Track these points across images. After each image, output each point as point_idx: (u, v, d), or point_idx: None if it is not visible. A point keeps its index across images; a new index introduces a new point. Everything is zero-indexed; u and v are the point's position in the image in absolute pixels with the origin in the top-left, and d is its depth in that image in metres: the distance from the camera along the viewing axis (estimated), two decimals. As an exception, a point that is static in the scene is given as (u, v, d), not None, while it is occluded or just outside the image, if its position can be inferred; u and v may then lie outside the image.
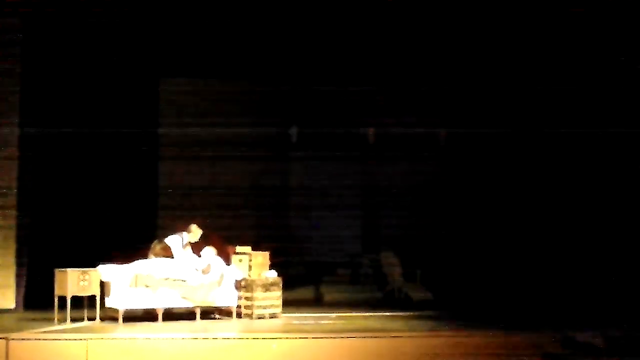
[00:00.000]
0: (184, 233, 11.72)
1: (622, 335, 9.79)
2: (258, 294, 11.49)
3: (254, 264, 11.80)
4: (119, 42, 14.11)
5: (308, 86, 15.81)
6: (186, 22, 14.19)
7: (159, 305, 10.97)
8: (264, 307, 11.53)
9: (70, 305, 10.65)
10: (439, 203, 16.11)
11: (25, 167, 12.71)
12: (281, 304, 11.73)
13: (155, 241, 11.67)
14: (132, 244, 11.86)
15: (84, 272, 10.83)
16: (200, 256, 11.57)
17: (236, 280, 11.59)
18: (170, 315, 11.08)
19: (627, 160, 13.96)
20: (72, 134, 13.74)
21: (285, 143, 16.37)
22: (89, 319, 10.89)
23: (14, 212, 12.58)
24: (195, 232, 11.77)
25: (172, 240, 11.61)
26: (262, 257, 11.93)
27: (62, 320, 10.60)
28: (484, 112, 15.71)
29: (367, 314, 12.28)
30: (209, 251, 11.59)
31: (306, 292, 14.74)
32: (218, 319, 11.56)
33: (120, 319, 10.73)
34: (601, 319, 11.43)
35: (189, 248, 11.67)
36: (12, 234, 12.56)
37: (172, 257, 11.43)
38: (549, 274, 14.28)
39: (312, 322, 11.18)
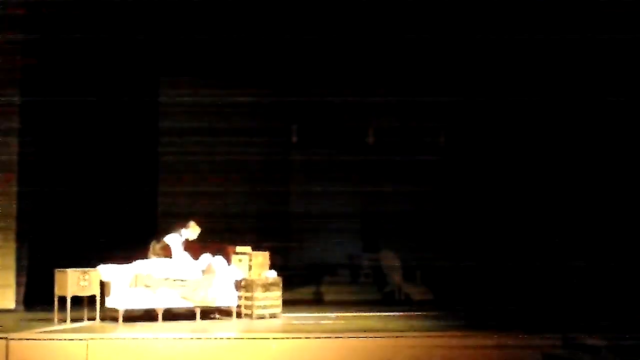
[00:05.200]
0: (183, 230, 11.71)
1: (623, 337, 9.78)
2: (258, 294, 11.49)
3: (254, 264, 11.80)
4: (118, 47, 14.12)
5: (309, 88, 15.80)
6: (186, 24, 14.22)
7: (159, 305, 10.97)
8: (264, 307, 11.53)
9: (70, 305, 10.64)
10: (440, 203, 16.09)
11: (25, 167, 12.71)
12: (281, 304, 11.73)
13: (154, 241, 11.65)
14: (132, 244, 11.85)
15: (84, 272, 10.83)
16: (197, 259, 11.58)
17: (236, 280, 11.59)
18: (170, 315, 11.08)
19: (630, 163, 13.96)
20: (72, 134, 13.74)
21: (285, 144, 16.35)
22: (89, 319, 10.89)
23: (14, 212, 12.57)
24: (193, 229, 11.74)
25: (171, 239, 11.60)
26: (262, 257, 11.92)
27: (62, 320, 10.60)
28: (485, 114, 15.70)
29: (367, 314, 12.28)
30: (208, 254, 11.60)
31: (306, 292, 14.73)
32: (218, 319, 11.56)
33: (120, 319, 10.73)
34: (603, 320, 11.42)
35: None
36: (12, 234, 12.55)
37: (172, 256, 11.42)
38: (550, 275, 14.28)
39: (312, 322, 11.17)
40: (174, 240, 11.59)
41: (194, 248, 11.74)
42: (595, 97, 14.30)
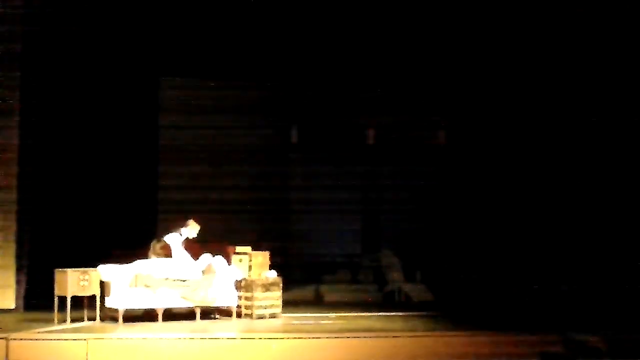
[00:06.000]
0: (182, 229, 11.71)
1: (623, 336, 9.78)
2: (258, 294, 11.49)
3: (254, 264, 11.80)
4: (118, 43, 14.12)
5: (308, 86, 15.81)
6: (186, 22, 14.22)
7: (159, 305, 10.97)
8: (264, 307, 11.52)
9: (70, 305, 10.65)
10: (440, 203, 16.09)
11: (26, 167, 12.71)
12: (281, 304, 11.73)
13: (155, 240, 11.65)
14: (132, 244, 11.86)
15: (84, 272, 10.83)
16: (197, 259, 11.58)
17: (236, 280, 11.59)
18: (170, 315, 11.08)
19: (630, 161, 13.95)
20: (72, 134, 13.74)
21: (285, 143, 16.35)
22: (89, 319, 10.89)
23: (14, 212, 12.57)
24: (192, 227, 11.73)
25: (171, 238, 11.60)
26: (262, 257, 11.93)
27: (62, 320, 10.60)
28: (485, 112, 15.70)
29: (367, 314, 12.28)
30: (208, 254, 11.61)
31: (306, 292, 14.73)
32: (218, 319, 11.57)
33: (120, 319, 10.73)
34: (603, 319, 11.42)
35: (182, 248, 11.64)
36: (12, 234, 12.55)
37: (172, 256, 11.42)
38: (550, 274, 14.28)
39: (312, 322, 11.18)
40: (174, 239, 11.59)
41: (194, 248, 11.74)
42: (598, 96, 14.30)
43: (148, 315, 11.02)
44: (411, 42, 15.03)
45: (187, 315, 11.20)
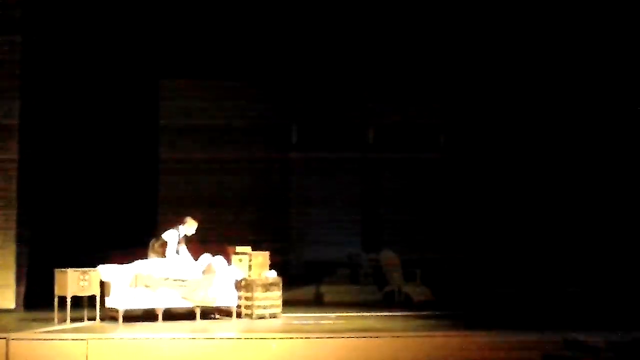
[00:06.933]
0: (180, 226, 11.70)
1: (623, 337, 9.78)
2: (258, 294, 11.50)
3: (254, 264, 11.80)
4: (118, 43, 14.14)
5: (308, 85, 15.82)
6: (186, 22, 14.24)
7: (159, 305, 10.97)
8: (264, 307, 11.53)
9: (70, 305, 10.65)
10: (440, 202, 16.10)
11: (26, 167, 12.71)
12: (281, 304, 11.73)
13: (153, 239, 11.65)
14: (132, 243, 11.85)
15: (84, 272, 10.83)
16: (197, 259, 11.58)
17: (236, 280, 11.59)
18: (170, 315, 11.08)
19: (629, 161, 13.96)
20: (72, 134, 13.76)
21: (285, 142, 16.36)
22: (89, 319, 10.90)
23: (14, 212, 12.58)
24: (190, 224, 11.71)
25: (168, 235, 11.58)
26: (262, 257, 11.93)
27: (62, 320, 10.60)
28: (486, 111, 15.70)
29: (367, 314, 12.28)
30: (207, 254, 11.61)
31: (306, 292, 14.74)
32: (218, 319, 11.57)
33: (120, 319, 10.73)
34: (603, 319, 11.42)
35: (183, 246, 11.62)
36: (12, 234, 12.56)
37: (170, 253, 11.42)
38: (550, 275, 14.28)
39: (312, 322, 11.18)
40: (171, 236, 11.56)
41: (194, 248, 11.74)
42: (597, 98, 14.31)
43: (148, 315, 11.02)
44: (412, 42, 15.05)
45: (187, 315, 11.20)
